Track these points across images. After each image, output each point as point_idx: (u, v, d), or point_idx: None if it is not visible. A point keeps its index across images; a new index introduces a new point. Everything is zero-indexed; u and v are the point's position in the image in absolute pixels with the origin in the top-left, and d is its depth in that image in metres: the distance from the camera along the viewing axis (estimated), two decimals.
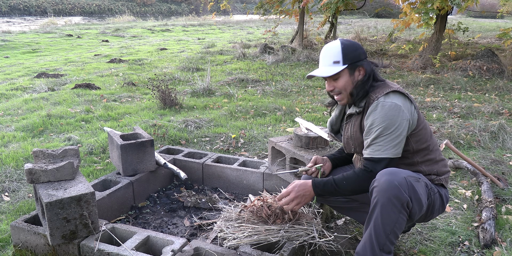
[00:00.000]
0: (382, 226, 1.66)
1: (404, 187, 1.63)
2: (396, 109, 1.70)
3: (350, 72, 1.82)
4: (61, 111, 4.97)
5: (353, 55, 1.80)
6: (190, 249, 1.86)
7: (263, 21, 18.72)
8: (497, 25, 20.71)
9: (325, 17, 12.39)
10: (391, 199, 1.63)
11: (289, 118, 4.77)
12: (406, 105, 1.74)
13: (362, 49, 1.84)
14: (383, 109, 1.71)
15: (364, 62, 1.83)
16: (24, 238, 2.04)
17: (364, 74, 1.82)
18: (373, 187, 1.70)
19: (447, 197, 1.88)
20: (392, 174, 1.66)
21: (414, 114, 1.76)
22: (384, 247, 1.68)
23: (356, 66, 1.82)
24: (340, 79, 1.83)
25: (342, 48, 1.80)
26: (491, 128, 4.01)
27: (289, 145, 2.60)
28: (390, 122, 1.69)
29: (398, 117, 1.69)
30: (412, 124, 1.75)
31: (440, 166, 1.86)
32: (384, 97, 1.74)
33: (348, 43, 1.82)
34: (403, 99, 1.74)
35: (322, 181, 1.83)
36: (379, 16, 30.38)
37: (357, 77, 1.83)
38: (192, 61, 8.92)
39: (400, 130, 1.70)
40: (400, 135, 1.71)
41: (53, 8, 36.36)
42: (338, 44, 1.82)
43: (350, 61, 1.80)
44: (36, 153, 2.12)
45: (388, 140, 1.70)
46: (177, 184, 3.02)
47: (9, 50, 12.25)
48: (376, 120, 1.72)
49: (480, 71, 7.31)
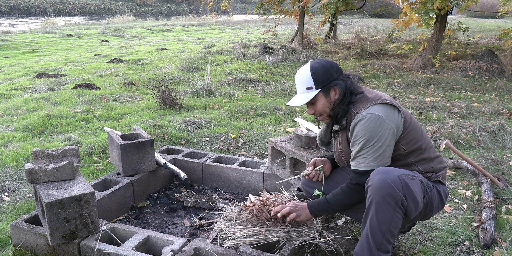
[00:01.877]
0: (377, 225, 1.67)
1: (397, 185, 1.64)
2: (377, 120, 1.72)
3: (325, 94, 1.85)
4: (61, 111, 4.96)
5: (324, 78, 1.82)
6: (190, 249, 1.86)
7: (263, 21, 18.73)
8: (497, 25, 20.71)
9: (325, 17, 12.39)
10: (385, 198, 1.64)
11: (289, 118, 4.77)
12: (388, 114, 1.74)
13: (333, 68, 1.85)
14: (365, 122, 1.73)
15: (338, 81, 1.84)
16: (24, 238, 2.04)
17: (339, 93, 1.84)
18: (367, 186, 1.71)
19: (446, 193, 1.89)
20: (386, 173, 1.67)
21: (399, 120, 1.77)
22: (381, 247, 1.69)
23: (330, 87, 1.84)
24: (317, 102, 1.87)
25: (311, 74, 1.83)
26: (491, 128, 4.00)
27: (289, 145, 2.60)
28: (372, 134, 1.71)
29: (379, 128, 1.71)
30: (398, 131, 1.76)
31: (436, 163, 1.87)
32: (365, 111, 1.75)
33: (317, 66, 1.84)
34: (384, 108, 1.75)
35: (316, 202, 1.89)
36: (379, 16, 30.37)
37: (334, 98, 1.85)
38: (192, 61, 8.92)
39: (383, 140, 1.72)
40: (384, 145, 1.72)
41: (53, 8, 36.37)
42: (308, 69, 1.85)
43: (322, 84, 1.83)
44: (36, 153, 2.12)
45: (371, 152, 1.73)
46: (177, 184, 3.02)
47: (9, 50, 12.25)
48: (359, 133, 1.74)
49: (480, 71, 7.31)
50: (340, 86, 1.83)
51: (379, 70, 8.02)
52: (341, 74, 1.87)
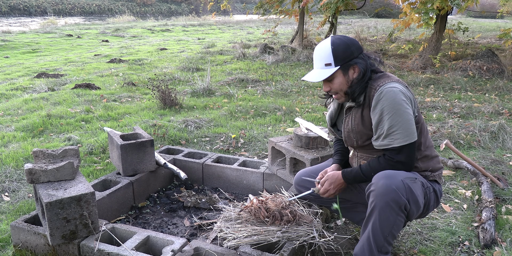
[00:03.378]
0: (380, 229, 1.66)
1: (401, 190, 1.63)
2: (400, 92, 1.68)
3: (343, 72, 1.78)
4: (61, 111, 4.96)
5: (345, 55, 1.76)
6: (190, 249, 1.86)
7: (263, 21, 18.73)
8: (497, 25, 20.71)
9: (325, 17, 12.37)
10: (389, 203, 1.63)
11: (289, 118, 4.77)
12: (407, 92, 1.73)
13: (355, 45, 1.78)
14: (389, 95, 1.67)
15: (358, 59, 1.78)
16: (24, 238, 2.04)
17: (359, 72, 1.78)
18: (370, 191, 1.70)
19: (441, 192, 1.89)
20: (389, 178, 1.65)
21: (415, 103, 1.75)
22: (382, 249, 1.69)
23: (350, 66, 1.77)
24: (334, 80, 1.80)
25: (332, 49, 1.76)
26: (491, 128, 4.00)
27: (289, 145, 2.60)
28: (400, 107, 1.66)
29: (404, 100, 1.67)
30: (414, 108, 1.73)
31: (435, 163, 1.87)
32: (388, 84, 1.71)
33: (339, 42, 1.77)
34: (404, 88, 1.74)
35: (352, 174, 1.84)
36: (379, 16, 30.36)
37: (352, 76, 1.79)
38: (192, 61, 8.92)
39: (410, 112, 1.68)
40: (412, 117, 1.69)
41: (53, 8, 36.38)
42: (328, 45, 1.77)
43: (342, 61, 1.76)
44: (36, 153, 2.12)
45: (404, 127, 1.67)
46: (177, 184, 3.02)
47: (9, 50, 12.25)
48: (385, 108, 1.68)
49: (480, 71, 7.31)
50: (360, 65, 1.76)
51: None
52: (362, 53, 1.80)
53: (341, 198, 2.11)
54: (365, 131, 1.81)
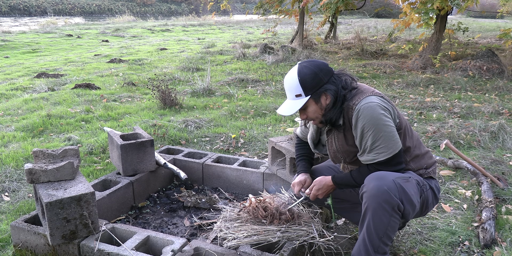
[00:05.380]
0: (374, 230, 1.67)
1: (393, 190, 1.63)
2: (377, 106, 1.69)
3: (315, 100, 1.78)
4: (61, 111, 4.96)
5: (313, 84, 1.75)
6: (190, 249, 1.86)
7: (263, 21, 18.73)
8: (497, 25, 20.71)
9: (325, 17, 12.39)
10: (382, 204, 1.63)
11: (289, 118, 4.77)
12: (384, 104, 1.73)
13: (322, 71, 1.76)
14: (367, 112, 1.69)
15: (328, 85, 1.76)
16: (24, 238, 2.04)
17: (331, 99, 1.77)
18: (362, 192, 1.70)
19: (438, 188, 1.89)
20: (380, 179, 1.66)
21: (395, 113, 1.76)
22: (378, 249, 1.69)
23: (320, 93, 1.76)
24: (308, 108, 1.80)
25: (299, 80, 1.75)
26: (491, 128, 4.00)
27: (289, 145, 2.60)
28: (379, 121, 1.68)
29: (382, 113, 1.69)
30: (394, 116, 1.74)
31: (427, 159, 1.87)
32: (363, 101, 1.72)
33: (306, 71, 1.75)
34: (380, 99, 1.74)
35: (343, 181, 1.88)
36: (379, 16, 30.37)
37: (324, 103, 1.78)
38: (192, 61, 8.92)
39: (390, 123, 1.70)
40: (393, 128, 1.70)
41: (53, 8, 36.39)
42: (295, 76, 1.77)
43: (312, 90, 1.75)
44: (36, 153, 2.12)
45: (386, 140, 1.69)
46: (177, 184, 3.02)
47: (9, 50, 12.25)
48: (366, 125, 1.69)
49: (480, 71, 7.31)
50: (330, 92, 1.76)
51: (379, 70, 8.02)
52: (332, 76, 1.79)
53: (340, 198, 2.12)
54: (351, 149, 1.83)
